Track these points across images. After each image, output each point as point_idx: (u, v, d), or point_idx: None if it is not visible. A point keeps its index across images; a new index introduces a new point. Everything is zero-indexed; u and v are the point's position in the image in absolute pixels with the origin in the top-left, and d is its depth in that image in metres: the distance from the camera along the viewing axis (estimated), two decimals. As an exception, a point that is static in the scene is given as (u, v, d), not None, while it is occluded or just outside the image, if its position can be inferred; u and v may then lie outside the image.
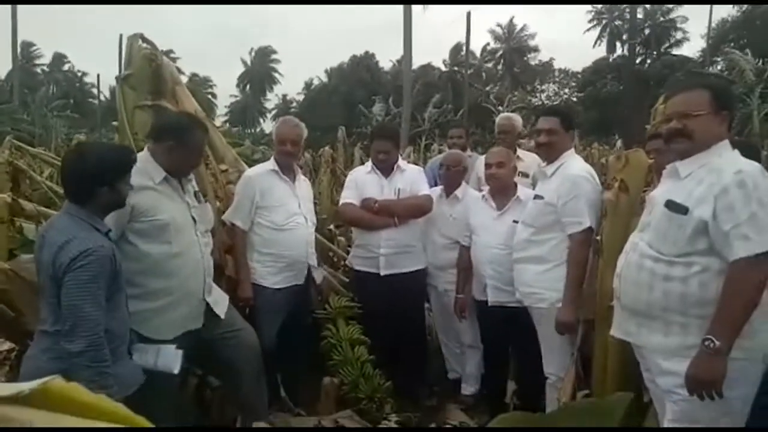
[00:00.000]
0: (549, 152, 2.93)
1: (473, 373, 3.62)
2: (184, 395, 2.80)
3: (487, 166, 3.28)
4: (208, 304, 2.59)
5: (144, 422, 0.56)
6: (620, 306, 2.13)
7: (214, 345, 2.64)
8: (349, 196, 3.61)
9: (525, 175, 3.85)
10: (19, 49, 34.09)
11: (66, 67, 50.70)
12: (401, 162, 3.64)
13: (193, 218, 2.54)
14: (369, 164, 3.67)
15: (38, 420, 0.49)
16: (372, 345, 3.51)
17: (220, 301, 2.67)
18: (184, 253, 2.46)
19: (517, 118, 4.36)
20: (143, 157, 2.46)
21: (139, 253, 2.36)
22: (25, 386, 0.50)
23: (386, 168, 3.57)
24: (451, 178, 3.60)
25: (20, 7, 29.88)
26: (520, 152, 4.09)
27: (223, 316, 2.66)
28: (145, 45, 3.26)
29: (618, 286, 2.11)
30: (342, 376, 3.36)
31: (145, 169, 2.40)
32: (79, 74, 50.44)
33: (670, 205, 1.93)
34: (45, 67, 49.99)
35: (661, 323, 1.96)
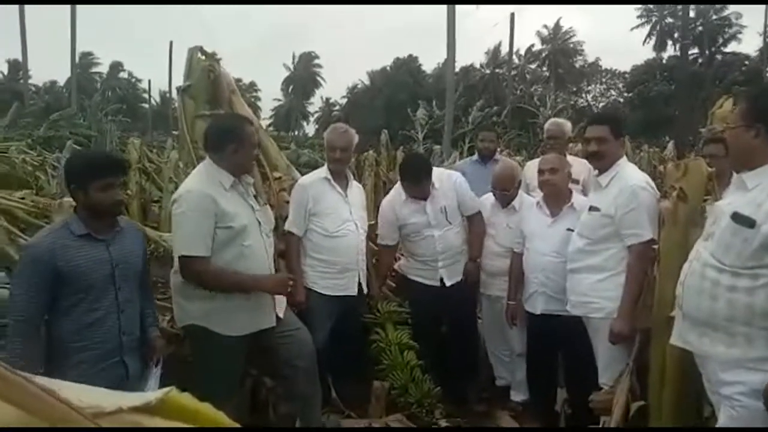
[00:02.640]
0: (600, 161, 2.88)
1: (523, 380, 3.59)
2: (240, 395, 2.89)
3: (540, 172, 3.25)
4: None
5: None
6: (682, 315, 2.09)
7: (273, 343, 2.73)
8: (386, 236, 3.62)
9: (575, 181, 3.77)
10: (77, 58, 35.81)
11: (121, 74, 52.89)
12: (434, 179, 3.51)
13: (258, 220, 2.64)
14: (402, 192, 3.55)
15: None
16: (422, 350, 3.53)
17: (279, 301, 2.77)
18: (254, 254, 2.57)
19: (567, 123, 4.25)
20: (208, 165, 2.58)
21: (214, 252, 2.46)
22: (151, 396, 0.55)
23: (423, 198, 3.53)
24: (506, 198, 3.55)
25: (79, 17, 31.42)
26: (568, 158, 4.02)
27: (282, 316, 2.74)
28: (203, 57, 3.41)
29: (681, 295, 2.08)
30: (391, 380, 3.39)
31: (214, 177, 2.52)
32: (133, 80, 52.52)
33: (737, 218, 1.88)
34: (103, 75, 52.28)
35: (724, 334, 1.92)
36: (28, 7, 32.70)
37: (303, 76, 61.19)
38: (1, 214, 3.99)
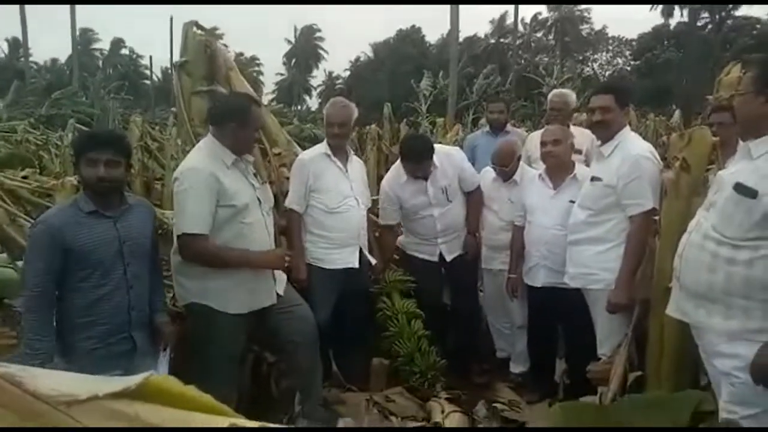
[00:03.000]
0: (604, 131, 2.83)
1: (523, 352, 3.62)
2: (241, 371, 2.92)
3: (543, 144, 3.21)
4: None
5: (231, 413, 0.61)
6: (679, 285, 2.08)
7: (273, 319, 2.74)
8: (387, 216, 3.64)
9: (578, 151, 3.73)
10: (77, 35, 35.45)
11: (123, 51, 52.35)
12: (434, 159, 3.48)
13: (258, 198, 2.65)
14: (401, 172, 3.54)
15: (143, 412, 0.54)
16: (426, 322, 3.55)
17: (279, 279, 2.79)
18: (255, 232, 2.59)
19: (570, 94, 4.16)
20: (210, 143, 2.58)
21: (214, 231, 2.47)
22: (131, 381, 0.55)
23: (424, 177, 3.52)
24: (506, 173, 3.53)
25: (76, -7, 30.97)
26: (571, 128, 3.97)
27: (282, 293, 2.76)
28: (199, 32, 3.35)
29: (678, 266, 2.07)
30: (397, 348, 3.39)
31: (216, 154, 2.52)
32: (134, 57, 51.99)
33: (739, 188, 1.85)
34: (104, 51, 51.78)
35: (721, 306, 1.91)
36: (25, -16, 32.29)
37: (306, 49, 60.44)
38: (5, 193, 3.99)
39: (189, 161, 2.55)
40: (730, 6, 37.45)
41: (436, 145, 3.59)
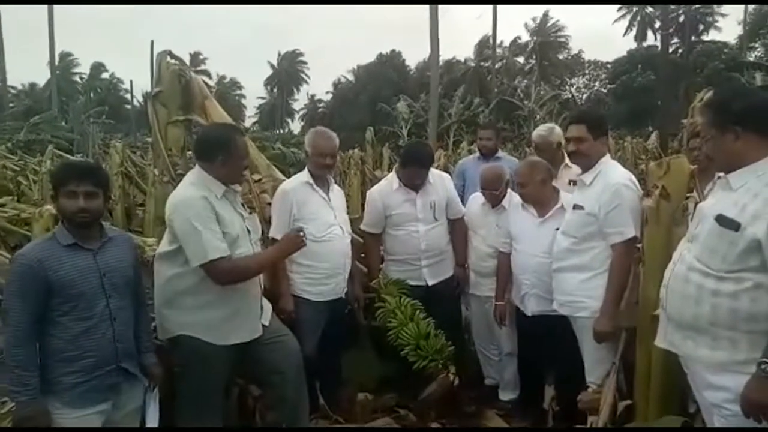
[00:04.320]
0: (581, 160, 2.89)
1: (511, 380, 3.60)
2: (226, 404, 2.86)
3: (516, 183, 3.27)
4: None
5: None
6: (666, 317, 2.09)
7: (259, 350, 2.71)
8: (371, 223, 3.64)
9: (576, 183, 3.69)
10: (57, 60, 35.23)
11: (104, 75, 52.11)
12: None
13: (247, 228, 2.64)
14: (395, 181, 3.60)
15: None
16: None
17: (265, 309, 2.78)
18: None
19: (553, 132, 3.99)
20: (198, 174, 2.58)
21: None
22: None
23: (418, 187, 3.56)
24: (495, 198, 3.54)
25: (57, 18, 30.88)
26: (567, 160, 3.89)
27: (267, 324, 2.74)
28: (173, 61, 3.34)
29: (664, 297, 2.08)
30: (402, 339, 3.27)
31: (206, 185, 2.52)
32: (115, 81, 51.75)
33: (721, 220, 1.86)
34: (83, 75, 51.46)
35: (708, 337, 1.92)
36: (3, 8, 32.09)
37: (289, 71, 60.89)
38: (-19, 222, 3.89)
39: (182, 192, 2.53)
40: (700, 30, 38.77)
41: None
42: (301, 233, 2.71)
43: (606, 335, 2.71)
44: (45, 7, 30.98)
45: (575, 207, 2.87)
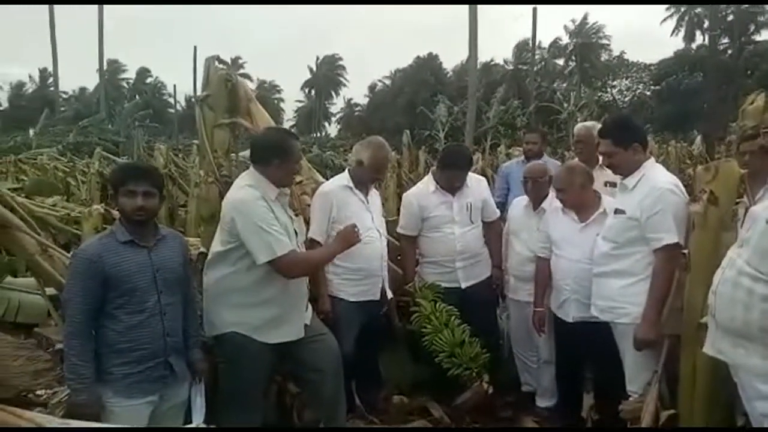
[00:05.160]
0: (617, 170, 2.86)
1: (549, 387, 3.54)
2: (265, 401, 2.91)
3: (555, 189, 3.23)
4: None
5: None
6: (715, 323, 2.03)
7: (301, 349, 2.77)
8: (407, 226, 3.65)
9: (612, 184, 3.60)
10: (105, 66, 36.62)
11: (149, 80, 53.92)
12: None
13: (295, 231, 2.72)
14: (431, 183, 3.64)
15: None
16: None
17: (309, 309, 2.86)
18: None
19: (597, 128, 4.03)
20: (254, 176, 2.66)
21: (253, 263, 2.54)
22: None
23: (455, 190, 3.58)
24: (537, 191, 3.51)
25: (106, 25, 32.14)
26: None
27: (309, 323, 2.81)
28: (221, 66, 3.43)
29: (713, 303, 2.02)
30: (437, 346, 3.27)
31: (262, 188, 2.60)
32: (159, 85, 53.45)
33: None
34: (130, 81, 53.40)
35: (759, 344, 1.86)
36: (57, 16, 33.55)
37: (327, 75, 61.50)
38: (34, 220, 4.09)
39: (239, 195, 2.60)
40: (751, 30, 37.27)
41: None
42: (357, 229, 2.79)
43: (647, 343, 2.64)
44: (95, 14, 32.27)
45: (617, 211, 2.81)
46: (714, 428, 1.92)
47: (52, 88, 37.10)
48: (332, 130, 61.45)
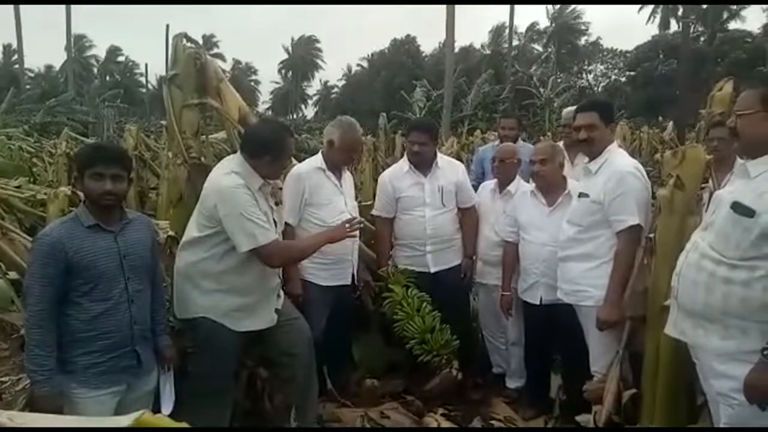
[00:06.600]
0: (590, 148, 2.87)
1: (518, 368, 3.61)
2: (236, 387, 2.90)
3: (531, 162, 3.23)
4: None
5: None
6: (677, 305, 2.08)
7: (273, 333, 2.77)
8: (382, 207, 3.63)
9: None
10: (72, 42, 35.46)
11: (120, 58, 52.40)
12: (438, 158, 3.62)
13: (274, 221, 2.68)
14: (405, 164, 3.64)
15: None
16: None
17: (280, 295, 2.84)
18: None
19: None
20: (241, 164, 2.60)
21: (228, 251, 2.53)
22: (123, 420, 0.54)
23: (424, 164, 3.55)
24: (504, 171, 3.55)
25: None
26: None
27: (280, 307, 2.80)
28: (189, 44, 3.34)
29: (676, 285, 2.07)
30: (408, 332, 3.29)
31: (248, 177, 2.56)
32: (130, 65, 52.03)
33: (737, 207, 1.85)
34: (99, 58, 51.83)
35: (719, 326, 1.91)
36: (21, -9, 32.27)
37: (304, 57, 60.68)
38: (-1, 202, 3.95)
39: (225, 182, 2.53)
40: (723, 18, 37.88)
41: (440, 155, 3.67)
42: (349, 224, 2.81)
43: (610, 323, 2.70)
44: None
45: (581, 195, 2.86)
46: (710, 428, 1.95)
47: (16, 66, 35.81)
48: (309, 112, 60.85)
